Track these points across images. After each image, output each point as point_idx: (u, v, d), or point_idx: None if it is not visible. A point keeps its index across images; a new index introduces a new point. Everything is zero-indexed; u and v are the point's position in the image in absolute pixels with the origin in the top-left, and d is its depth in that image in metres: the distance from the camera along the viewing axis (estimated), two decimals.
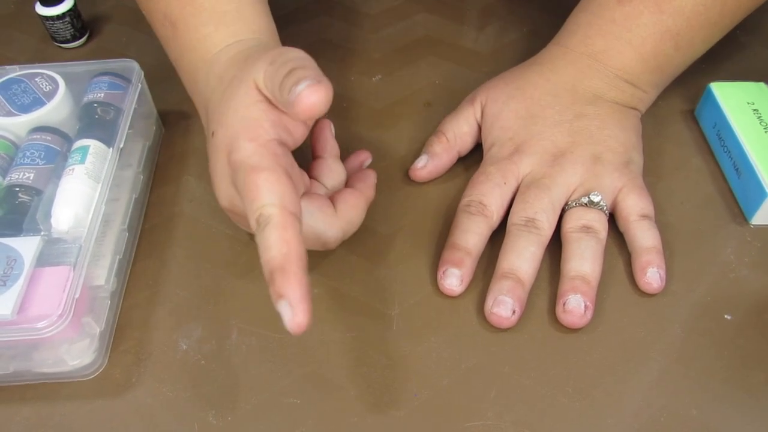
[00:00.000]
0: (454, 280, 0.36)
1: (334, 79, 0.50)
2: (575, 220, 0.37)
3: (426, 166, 0.42)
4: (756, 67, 0.50)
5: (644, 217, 0.38)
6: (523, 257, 0.36)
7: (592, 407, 0.32)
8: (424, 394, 0.33)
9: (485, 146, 0.42)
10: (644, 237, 0.37)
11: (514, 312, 0.34)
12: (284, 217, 0.28)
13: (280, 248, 0.27)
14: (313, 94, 0.28)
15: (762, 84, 0.45)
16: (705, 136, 0.45)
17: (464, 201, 0.39)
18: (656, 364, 0.34)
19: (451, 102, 0.48)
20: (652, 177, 0.43)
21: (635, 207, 0.38)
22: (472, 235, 0.37)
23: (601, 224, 0.37)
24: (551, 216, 0.37)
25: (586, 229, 0.37)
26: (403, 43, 0.54)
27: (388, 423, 0.32)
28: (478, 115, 0.43)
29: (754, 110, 0.43)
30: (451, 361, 0.34)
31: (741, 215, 0.41)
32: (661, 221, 0.40)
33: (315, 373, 0.34)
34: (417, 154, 0.45)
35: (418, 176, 0.42)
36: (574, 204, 0.38)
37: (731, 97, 0.44)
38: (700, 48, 0.42)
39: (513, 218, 0.37)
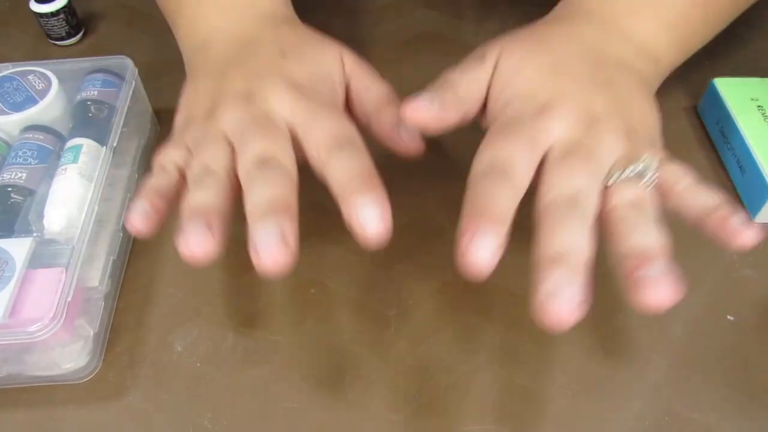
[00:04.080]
0: (485, 251, 0.26)
1: None
2: (622, 196, 0.31)
3: (432, 109, 0.32)
4: (760, 62, 0.50)
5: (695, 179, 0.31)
6: (575, 237, 0.28)
7: (594, 410, 0.32)
8: (423, 397, 0.33)
9: (497, 107, 0.34)
10: (706, 195, 0.31)
11: (578, 303, 0.26)
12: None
13: (373, 167, 0.30)
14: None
15: (766, 80, 0.44)
16: (708, 133, 0.45)
17: (483, 164, 0.30)
18: (658, 366, 0.33)
19: None
20: None
21: (682, 172, 0.31)
22: (502, 200, 0.28)
23: (650, 200, 0.31)
24: (597, 192, 0.30)
25: (637, 205, 0.30)
26: (402, 39, 0.53)
27: (387, 426, 0.32)
28: (489, 74, 0.35)
29: (759, 106, 0.42)
30: (450, 363, 0.34)
31: (744, 213, 0.40)
32: (663, 220, 0.40)
33: (312, 376, 0.33)
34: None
35: (418, 117, 0.32)
36: (618, 175, 0.31)
37: (735, 93, 0.43)
38: (721, 24, 0.39)
39: (552, 194, 0.29)
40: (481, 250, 0.26)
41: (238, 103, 0.32)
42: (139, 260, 0.39)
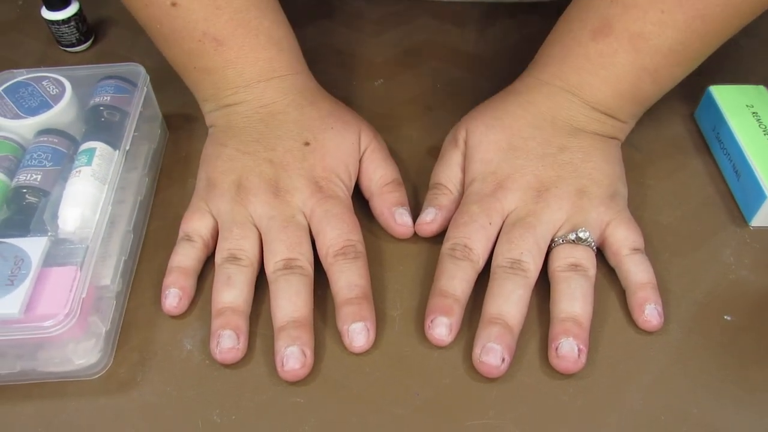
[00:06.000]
0: (443, 329, 0.34)
1: (335, 84, 0.51)
2: (563, 258, 0.36)
3: (435, 219, 0.39)
4: (756, 70, 0.51)
5: (636, 250, 0.37)
6: (510, 301, 0.34)
7: (593, 406, 0.33)
8: (426, 393, 0.33)
9: (467, 180, 0.40)
10: (638, 272, 0.36)
11: (503, 360, 0.33)
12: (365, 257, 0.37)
13: (367, 279, 0.36)
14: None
15: (761, 87, 0.45)
16: (705, 139, 0.46)
17: (448, 244, 0.37)
18: (656, 364, 0.34)
19: (452, 106, 0.49)
20: (652, 179, 0.43)
21: (626, 240, 0.37)
22: (459, 281, 0.35)
23: (589, 261, 0.36)
24: (537, 256, 0.36)
25: (575, 267, 0.36)
26: (405, 48, 0.54)
27: (390, 421, 0.32)
28: (463, 152, 0.41)
29: (754, 113, 0.43)
30: (452, 360, 0.35)
31: (740, 217, 0.41)
32: (661, 223, 0.41)
33: (318, 372, 0.34)
34: (419, 159, 0.45)
35: (427, 230, 0.39)
36: (560, 241, 0.37)
37: (731, 100, 0.44)
38: (679, 78, 0.41)
39: (498, 260, 0.36)
40: (439, 328, 0.34)
41: (266, 194, 0.38)
42: (149, 261, 0.40)
